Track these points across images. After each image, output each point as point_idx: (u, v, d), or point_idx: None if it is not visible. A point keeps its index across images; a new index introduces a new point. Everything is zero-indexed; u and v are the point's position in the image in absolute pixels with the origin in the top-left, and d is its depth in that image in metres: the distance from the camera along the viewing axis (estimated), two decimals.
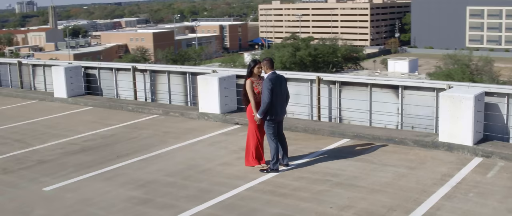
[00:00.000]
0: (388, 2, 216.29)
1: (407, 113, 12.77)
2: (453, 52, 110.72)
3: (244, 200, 9.04)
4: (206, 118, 14.58)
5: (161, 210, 8.76)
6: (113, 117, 15.58)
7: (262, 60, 10.45)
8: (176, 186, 9.81)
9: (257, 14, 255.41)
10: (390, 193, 9.20)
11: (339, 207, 8.65)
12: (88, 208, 8.95)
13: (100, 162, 11.40)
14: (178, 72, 16.57)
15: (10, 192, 9.85)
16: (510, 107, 11.37)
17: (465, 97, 10.90)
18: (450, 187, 9.40)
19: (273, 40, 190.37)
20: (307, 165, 10.74)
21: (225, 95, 14.43)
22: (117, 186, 9.91)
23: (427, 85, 12.50)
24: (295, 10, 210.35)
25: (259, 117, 10.16)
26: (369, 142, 12.02)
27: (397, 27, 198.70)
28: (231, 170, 10.62)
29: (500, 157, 10.62)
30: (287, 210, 8.61)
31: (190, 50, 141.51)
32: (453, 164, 10.52)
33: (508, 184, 9.50)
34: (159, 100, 16.98)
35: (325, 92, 13.79)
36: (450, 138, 11.20)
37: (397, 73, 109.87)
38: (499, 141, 11.29)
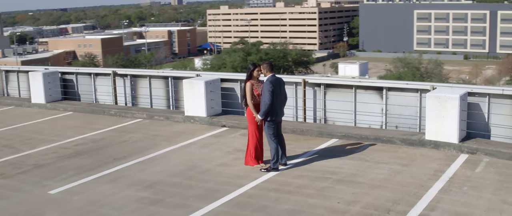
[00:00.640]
0: (336, 6, 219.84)
1: (391, 113, 13.31)
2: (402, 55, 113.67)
3: (253, 198, 9.35)
4: (192, 121, 14.81)
5: (174, 209, 8.99)
6: (98, 121, 15.62)
7: (261, 63, 10.74)
8: (182, 186, 10.04)
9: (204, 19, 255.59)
10: (390, 188, 9.67)
11: (346, 202, 9.06)
12: (100, 210, 9.09)
13: (98, 165, 11.51)
14: (160, 76, 16.73)
15: (15, 196, 9.87)
16: (491, 106, 12.03)
17: (451, 97, 11.50)
18: (444, 181, 9.94)
19: (221, 45, 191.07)
20: (303, 164, 11.13)
21: (211, 98, 14.69)
22: (123, 188, 10.07)
23: (411, 87, 13.09)
24: (243, 14, 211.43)
25: (260, 118, 10.48)
26: (358, 142, 12.50)
27: (345, 31, 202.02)
28: (231, 170, 10.91)
29: (484, 153, 11.25)
30: (296, 206, 8.96)
31: (140, 56, 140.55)
32: (442, 161, 11.09)
33: (497, 178, 10.11)
34: (139, 105, 17.10)
35: (310, 94, 14.22)
36: (437, 136, 11.78)
37: (347, 77, 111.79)
38: (482, 139, 11.94)
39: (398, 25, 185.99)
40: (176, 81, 16.30)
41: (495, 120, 12.07)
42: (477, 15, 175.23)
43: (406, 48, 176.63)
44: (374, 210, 8.74)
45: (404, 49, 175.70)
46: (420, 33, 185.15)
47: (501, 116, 12.01)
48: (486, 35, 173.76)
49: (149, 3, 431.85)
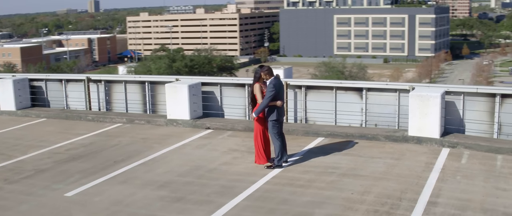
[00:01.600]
0: (256, 12, 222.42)
1: (371, 112, 14.16)
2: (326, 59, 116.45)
3: (271, 193, 9.89)
4: (175, 124, 15.14)
5: (200, 205, 9.40)
6: (77, 127, 15.66)
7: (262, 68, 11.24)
8: (197, 185, 10.44)
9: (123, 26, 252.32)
10: (393, 179, 10.46)
11: (359, 193, 9.76)
12: (128, 209, 9.36)
13: (101, 168, 11.69)
14: (136, 81, 16.93)
15: (32, 200, 9.95)
16: (465, 104, 13.08)
17: (432, 95, 12.46)
18: (438, 172, 10.83)
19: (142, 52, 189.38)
20: (302, 161, 11.75)
21: (194, 101, 15.08)
22: (138, 188, 10.35)
23: (390, 87, 13.98)
24: (163, 21, 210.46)
25: (255, 116, 11.07)
26: (344, 139, 13.26)
27: (266, 36, 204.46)
28: (236, 168, 11.40)
29: (464, 147, 12.26)
30: (315, 198, 9.58)
31: (62, 64, 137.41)
32: (429, 154, 12.02)
33: (483, 168, 11.11)
34: (114, 110, 17.22)
35: (291, 96, 14.87)
36: (419, 132, 12.71)
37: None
38: (459, 133, 12.97)
39: (319, 30, 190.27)
40: (153, 85, 16.55)
41: (469, 116, 13.12)
42: (396, 19, 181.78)
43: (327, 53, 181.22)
44: (387, 199, 9.48)
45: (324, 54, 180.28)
46: (340, 38, 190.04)
47: (475, 112, 13.06)
48: (405, 38, 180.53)
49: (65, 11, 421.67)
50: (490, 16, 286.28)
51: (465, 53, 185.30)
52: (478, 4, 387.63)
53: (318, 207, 9.18)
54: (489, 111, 13.02)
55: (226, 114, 15.71)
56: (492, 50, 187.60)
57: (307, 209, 9.10)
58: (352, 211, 8.98)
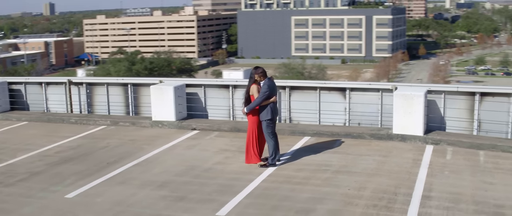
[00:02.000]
0: (214, 14, 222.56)
1: (354, 111, 14.57)
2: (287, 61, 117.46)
3: (270, 190, 10.17)
4: (161, 126, 15.28)
5: (204, 204, 9.61)
6: (61, 130, 15.64)
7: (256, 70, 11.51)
8: (195, 184, 10.64)
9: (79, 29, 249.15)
10: (385, 175, 10.86)
11: (355, 189, 10.13)
12: (132, 209, 9.50)
13: (96, 170, 11.77)
14: (119, 83, 16.98)
15: (33, 203, 9.99)
16: (446, 102, 13.61)
17: (416, 94, 12.93)
18: (426, 168, 11.29)
19: (99, 55, 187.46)
20: (294, 159, 12.06)
21: (179, 103, 15.24)
22: (137, 188, 10.49)
23: (373, 87, 14.42)
24: (121, 24, 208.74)
25: (246, 111, 11.37)
26: (331, 138, 13.63)
27: (224, 38, 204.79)
28: (231, 168, 11.64)
29: (447, 144, 12.78)
30: (314, 194, 9.90)
31: (20, 68, 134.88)
32: (414, 151, 12.48)
33: (467, 163, 11.63)
34: (96, 112, 17.23)
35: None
36: (403, 130, 13.17)
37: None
38: (440, 131, 13.48)
39: (276, 32, 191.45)
40: (136, 87, 16.65)
41: (450, 114, 13.66)
42: (353, 20, 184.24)
43: (285, 54, 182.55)
44: (383, 194, 9.86)
45: (282, 55, 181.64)
46: (298, 39, 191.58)
47: (455, 110, 13.60)
48: (362, 39, 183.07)
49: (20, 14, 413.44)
50: (445, 16, 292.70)
51: (422, 53, 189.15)
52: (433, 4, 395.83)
53: (319, 203, 9.49)
54: (469, 109, 13.56)
55: (210, 115, 15.92)
56: (448, 50, 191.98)
57: (309, 205, 9.41)
58: (353, 206, 9.32)
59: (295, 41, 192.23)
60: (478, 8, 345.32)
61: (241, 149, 12.93)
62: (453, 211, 9.07)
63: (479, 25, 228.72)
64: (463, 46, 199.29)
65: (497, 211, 9.10)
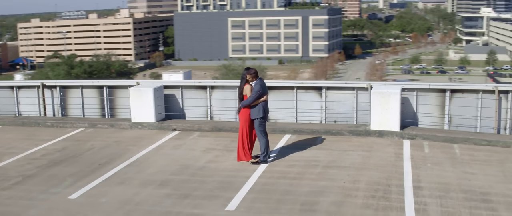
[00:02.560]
0: (150, 16, 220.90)
1: (330, 109, 15.18)
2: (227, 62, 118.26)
3: (269, 186, 10.61)
4: (140, 127, 15.46)
5: (210, 200, 9.96)
6: (39, 133, 15.57)
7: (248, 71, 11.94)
8: (194, 182, 10.97)
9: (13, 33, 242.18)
10: (373, 169, 11.50)
11: (350, 182, 10.71)
12: (141, 208, 9.74)
13: (90, 171, 11.89)
14: (93, 86, 17.02)
15: (37, 204, 10.07)
16: (418, 99, 14.40)
17: (393, 92, 13.66)
18: (409, 161, 12.00)
19: (34, 59, 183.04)
20: (282, 156, 12.54)
21: (158, 104, 15.47)
22: (139, 188, 10.72)
23: (348, 85, 15.07)
24: (56, 27, 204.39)
25: (241, 106, 11.81)
26: (311, 136, 14.19)
27: (160, 40, 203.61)
28: (224, 166, 12.01)
29: (422, 138, 13.55)
30: (313, 188, 10.41)
31: None
32: (394, 146, 13.19)
33: (445, 156, 12.42)
34: (69, 115, 17.21)
35: None
36: (381, 126, 13.87)
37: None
38: (414, 126, 14.26)
39: (213, 33, 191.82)
40: (111, 90, 16.75)
41: (422, 110, 14.45)
42: (290, 21, 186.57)
43: (222, 55, 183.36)
44: (377, 185, 10.48)
45: (219, 57, 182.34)
46: (235, 41, 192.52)
47: (427, 106, 14.41)
48: (299, 40, 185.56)
49: None
50: (379, 16, 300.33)
51: (358, 53, 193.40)
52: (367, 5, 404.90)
53: (320, 195, 10.01)
54: (440, 105, 14.38)
55: (188, 116, 16.20)
56: (383, 49, 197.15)
57: (312, 197, 9.91)
58: (353, 198, 9.88)
59: (232, 43, 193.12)
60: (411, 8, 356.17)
61: (228, 148, 13.34)
62: (445, 199, 9.76)
63: (413, 25, 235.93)
64: (398, 45, 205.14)
65: (484, 198, 9.85)
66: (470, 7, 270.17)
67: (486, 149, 12.88)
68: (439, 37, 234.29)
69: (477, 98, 14.09)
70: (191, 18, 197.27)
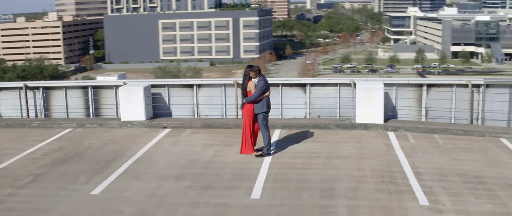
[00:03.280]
0: (79, 20, 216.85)
1: (314, 105, 16.00)
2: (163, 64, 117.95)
3: (282, 175, 11.29)
4: (130, 126, 15.79)
5: (232, 190, 10.54)
6: (27, 134, 15.61)
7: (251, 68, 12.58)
8: (209, 175, 11.50)
9: None
10: (372, 158, 12.39)
11: (356, 170, 11.55)
12: (168, 200, 10.20)
13: (100, 168, 12.17)
14: (78, 86, 17.19)
15: (62, 201, 10.30)
16: (398, 93, 15.43)
17: (377, 87, 14.62)
18: (400, 150, 12.96)
19: None
20: (281, 149, 13.23)
21: (147, 103, 15.87)
22: (158, 182, 11.15)
23: (331, 82, 15.94)
24: None
25: (245, 102, 12.44)
26: (301, 130, 14.96)
27: (91, 44, 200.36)
28: (230, 159, 12.59)
29: (405, 130, 14.59)
30: (324, 176, 11.17)
31: None
32: (381, 137, 14.16)
33: (431, 145, 13.48)
34: (53, 116, 17.31)
35: (239, 93, 16.22)
36: (366, 119, 14.81)
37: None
38: (395, 119, 15.28)
39: (144, 36, 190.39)
40: (96, 90, 16.98)
41: (401, 104, 15.49)
42: (221, 22, 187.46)
43: (153, 58, 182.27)
44: (382, 172, 11.37)
45: (151, 59, 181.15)
46: (166, 43, 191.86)
47: (406, 100, 15.47)
48: (230, 41, 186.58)
49: None
50: (308, 16, 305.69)
51: (288, 53, 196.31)
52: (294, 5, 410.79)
53: (334, 183, 10.78)
54: (418, 99, 15.46)
55: (174, 114, 16.64)
56: (313, 49, 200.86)
57: (327, 185, 10.67)
58: (364, 184, 10.71)
59: (163, 45, 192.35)
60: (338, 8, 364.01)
61: (226, 143, 13.93)
62: (446, 182, 10.74)
63: (341, 25, 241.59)
64: (327, 45, 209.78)
65: (479, 180, 10.90)
66: (396, 7, 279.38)
67: (464, 138, 14.02)
68: (368, 36, 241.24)
69: (452, 91, 15.24)
70: (121, 21, 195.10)
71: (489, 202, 9.78)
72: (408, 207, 9.55)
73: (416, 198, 9.97)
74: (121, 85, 16.38)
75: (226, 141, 14.12)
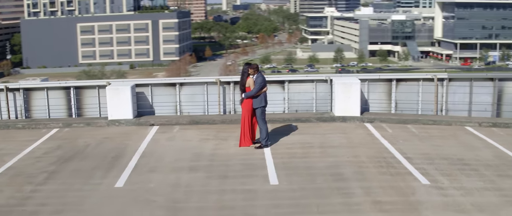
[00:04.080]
0: None
1: (291, 100, 17.06)
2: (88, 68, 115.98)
3: (289, 164, 12.26)
4: (117, 124, 16.29)
5: (250, 178, 11.40)
6: (16, 135, 15.70)
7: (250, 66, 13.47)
8: (220, 165, 12.30)
9: None
10: (362, 147, 13.58)
11: (353, 157, 12.68)
12: (193, 189, 10.89)
13: (109, 163, 12.62)
14: (59, 87, 17.45)
15: (90, 194, 10.72)
16: (369, 87, 16.75)
17: (354, 82, 15.89)
18: (383, 139, 14.25)
19: None
20: (274, 141, 14.14)
21: (134, 101, 16.43)
22: (175, 173, 11.79)
23: (308, 78, 17.07)
24: None
25: (244, 97, 13.32)
26: (285, 123, 15.97)
27: (8, 49, 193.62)
28: (232, 151, 13.41)
29: (380, 121, 15.93)
30: (327, 163, 12.24)
31: None
32: (361, 128, 15.41)
33: (408, 134, 14.86)
34: (33, 117, 17.49)
35: (222, 91, 17.09)
36: (344, 112, 16.04)
37: None
38: (369, 111, 16.59)
39: (62, 40, 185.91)
40: (79, 90, 17.33)
41: (372, 97, 16.83)
42: (140, 25, 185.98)
43: (72, 62, 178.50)
44: (376, 158, 12.59)
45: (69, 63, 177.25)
46: (85, 46, 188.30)
47: (376, 93, 16.81)
48: (150, 44, 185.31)
49: None
50: (225, 18, 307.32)
51: (208, 54, 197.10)
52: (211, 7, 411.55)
53: (339, 168, 11.88)
54: (387, 92, 16.84)
55: (157, 112, 17.24)
56: (232, 50, 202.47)
57: (334, 170, 11.75)
58: (366, 168, 11.87)
59: (82, 49, 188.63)
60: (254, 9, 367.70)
61: (220, 137, 14.75)
62: (436, 165, 12.08)
63: (259, 26, 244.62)
64: (246, 46, 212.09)
65: (463, 162, 12.33)
66: (312, 7, 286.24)
67: (434, 128, 15.50)
68: (286, 37, 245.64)
69: (418, 85, 16.71)
70: (39, 25, 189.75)
71: (480, 180, 11.15)
72: (414, 186, 10.76)
73: (417, 178, 11.21)
74: (104, 86, 16.81)
75: (219, 135, 14.92)
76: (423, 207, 9.75)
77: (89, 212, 9.94)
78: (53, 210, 10.01)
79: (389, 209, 9.64)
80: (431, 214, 9.46)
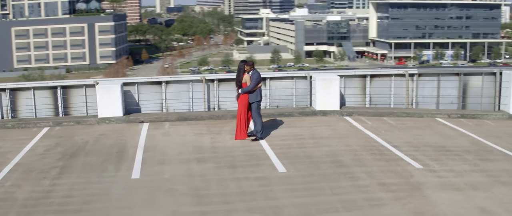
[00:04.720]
0: None
1: (273, 96, 18.00)
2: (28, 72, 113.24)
3: (289, 153, 13.16)
4: (108, 122, 16.77)
5: (258, 167, 12.20)
6: (7, 134, 15.81)
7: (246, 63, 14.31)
8: (224, 157, 13.07)
9: None
10: (350, 137, 14.66)
11: (345, 146, 13.73)
12: (207, 178, 11.61)
13: (116, 158, 13.10)
14: (46, 87, 17.75)
15: (112, 186, 11.17)
16: (345, 83, 17.89)
17: (334, 78, 16.99)
18: (368, 130, 15.38)
19: None
20: (267, 134, 14.98)
21: (123, 99, 16.98)
22: (184, 165, 12.44)
23: (289, 75, 18.05)
24: None
25: (241, 93, 14.17)
26: (269, 118, 16.86)
27: None
28: (230, 144, 14.18)
29: (358, 114, 17.08)
30: (324, 152, 13.22)
31: None
32: (342, 121, 16.51)
33: (387, 126, 16.06)
34: (19, 116, 17.72)
35: (205, 88, 17.84)
36: (324, 107, 17.11)
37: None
38: (345, 106, 17.72)
39: None
40: (66, 90, 17.70)
41: (348, 92, 17.98)
42: (75, 28, 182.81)
43: (6, 67, 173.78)
44: (367, 146, 13.68)
45: (4, 68, 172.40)
46: (20, 51, 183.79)
47: (352, 88, 17.97)
48: (86, 47, 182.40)
49: None
50: (159, 20, 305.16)
51: (145, 57, 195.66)
52: (144, 10, 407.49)
53: (337, 156, 12.88)
54: (362, 87, 18.03)
55: (143, 109, 17.82)
56: (169, 53, 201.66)
57: (333, 158, 12.74)
58: (361, 155, 12.93)
59: (16, 53, 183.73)
60: (188, 11, 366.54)
61: (212, 132, 15.49)
62: (422, 151, 13.27)
63: (194, 28, 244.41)
64: (182, 48, 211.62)
65: (445, 149, 13.58)
66: (247, 8, 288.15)
67: (409, 119, 16.78)
68: (221, 39, 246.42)
69: (391, 80, 17.97)
70: None
71: (464, 164, 12.40)
72: (410, 170, 11.89)
73: (410, 163, 12.34)
74: (90, 85, 17.28)
75: (211, 130, 15.66)
76: (424, 186, 10.85)
77: (118, 201, 10.47)
78: (82, 201, 10.48)
79: (396, 189, 10.70)
80: (433, 192, 10.55)
